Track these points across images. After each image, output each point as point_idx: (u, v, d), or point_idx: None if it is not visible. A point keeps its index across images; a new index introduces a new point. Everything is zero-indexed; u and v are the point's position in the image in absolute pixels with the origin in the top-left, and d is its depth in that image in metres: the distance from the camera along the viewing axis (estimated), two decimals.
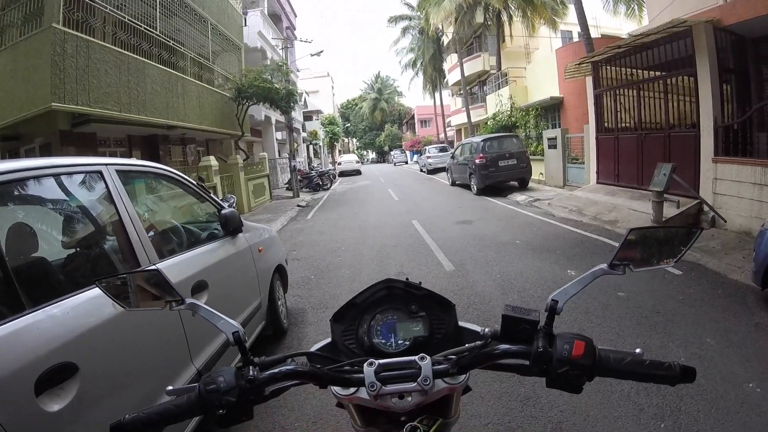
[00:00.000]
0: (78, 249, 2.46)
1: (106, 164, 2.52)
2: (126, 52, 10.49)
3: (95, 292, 1.99)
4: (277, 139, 27.27)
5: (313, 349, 1.14)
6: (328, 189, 23.93)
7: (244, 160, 16.56)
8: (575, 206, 10.87)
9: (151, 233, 2.92)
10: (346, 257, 8.10)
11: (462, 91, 30.28)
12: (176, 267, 2.73)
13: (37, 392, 1.61)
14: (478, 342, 1.03)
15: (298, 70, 32.59)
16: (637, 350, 0.88)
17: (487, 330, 1.03)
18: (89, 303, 1.97)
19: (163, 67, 12.17)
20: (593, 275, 0.94)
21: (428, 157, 30.19)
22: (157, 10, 11.81)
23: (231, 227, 3.70)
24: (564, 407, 3.13)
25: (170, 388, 0.93)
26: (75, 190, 2.42)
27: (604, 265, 0.94)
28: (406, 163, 49.56)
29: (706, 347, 3.84)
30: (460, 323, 1.18)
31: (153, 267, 1.95)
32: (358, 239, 9.64)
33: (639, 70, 10.58)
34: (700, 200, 8.07)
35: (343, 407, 1.09)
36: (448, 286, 5.91)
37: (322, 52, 26.34)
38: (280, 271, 4.93)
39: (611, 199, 10.51)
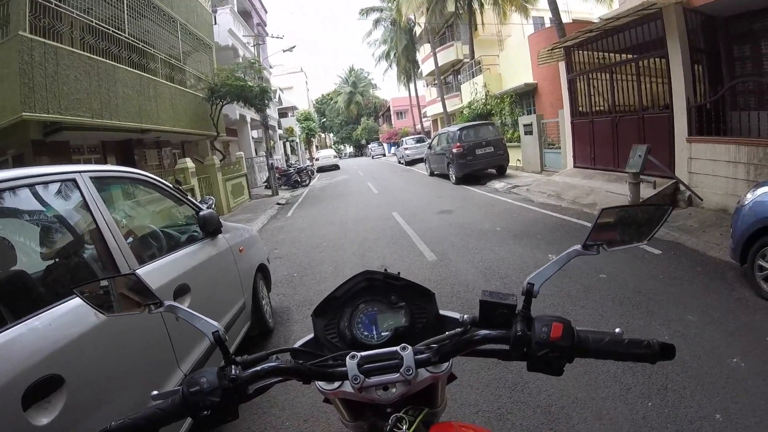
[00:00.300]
0: (57, 260, 2.42)
1: (80, 171, 2.48)
2: (95, 56, 10.26)
3: (76, 301, 1.96)
4: (253, 138, 27.05)
5: (296, 345, 1.13)
6: (306, 185, 23.85)
7: (221, 161, 16.38)
8: (553, 191, 10.98)
9: (130, 239, 2.88)
10: (328, 253, 8.08)
11: (436, 81, 30.29)
12: (157, 272, 2.70)
13: (25, 407, 1.59)
14: (458, 329, 1.03)
15: (270, 67, 32.30)
16: (617, 330, 0.88)
17: (466, 317, 1.04)
18: (71, 313, 1.94)
19: (133, 70, 11.93)
20: (568, 256, 0.94)
21: (406, 149, 30.22)
22: (125, 12, 11.57)
23: (210, 228, 3.67)
24: (552, 391, 3.17)
25: (155, 392, 0.92)
26: (50, 199, 2.37)
27: (578, 246, 0.95)
28: (384, 155, 49.53)
29: (688, 324, 3.91)
30: (441, 311, 1.18)
31: (129, 271, 1.93)
32: (340, 234, 9.63)
33: (611, 54, 10.68)
34: (676, 180, 8.20)
35: (331, 403, 1.08)
36: (431, 276, 5.93)
37: (294, 47, 26.23)
38: (263, 270, 4.90)
39: (589, 183, 10.64)
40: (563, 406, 3.01)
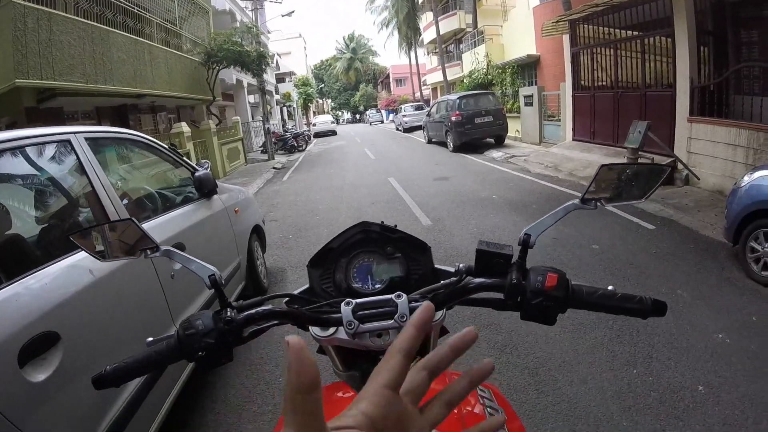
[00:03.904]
0: (52, 222, 2.42)
1: (75, 132, 2.46)
2: (89, 21, 10.08)
3: (72, 260, 1.99)
4: (249, 103, 26.74)
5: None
6: (303, 150, 23.75)
7: (216, 125, 16.26)
8: (551, 162, 10.99)
9: (125, 201, 2.88)
10: (323, 216, 8.12)
11: (438, 50, 29.90)
12: (152, 231, 2.65)
13: (21, 363, 1.60)
14: (453, 278, 1.03)
15: (268, 32, 31.77)
16: (610, 287, 0.89)
17: (461, 266, 1.02)
18: (66, 271, 1.96)
19: (128, 35, 11.73)
20: (565, 210, 0.94)
21: (404, 116, 30.14)
22: None
23: (205, 189, 3.68)
24: (540, 354, 3.26)
25: (150, 339, 0.92)
26: (44, 162, 2.35)
27: (576, 200, 0.94)
28: (382, 122, 49.30)
29: (677, 299, 3.96)
30: (436, 266, 1.17)
31: (126, 217, 1.93)
32: (335, 198, 9.68)
33: (617, 30, 10.55)
34: (675, 158, 8.18)
35: (324, 353, 1.08)
36: (426, 240, 5.93)
37: (293, 12, 25.64)
38: (258, 232, 4.95)
39: (587, 156, 10.64)
40: (550, 368, 3.09)
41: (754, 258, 4.30)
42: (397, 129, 32.08)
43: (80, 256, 2.03)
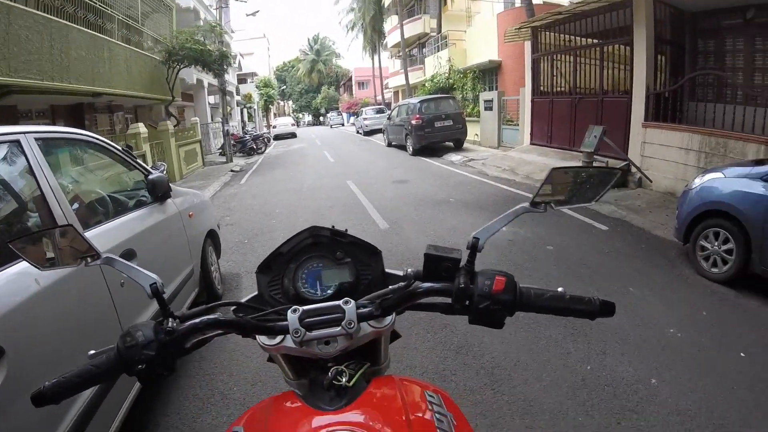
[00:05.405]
0: None
1: (25, 132, 2.35)
2: (49, 15, 9.63)
3: (17, 268, 1.87)
4: (209, 103, 26.28)
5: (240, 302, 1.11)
6: (262, 153, 23.43)
7: (174, 126, 15.89)
8: (509, 166, 11.17)
9: (76, 205, 2.78)
10: (280, 220, 8.04)
11: (401, 53, 30.03)
12: (102, 236, 2.60)
13: None
14: (402, 283, 1.01)
15: (232, 32, 31.35)
16: (560, 289, 0.89)
17: (410, 270, 1.01)
18: (11, 280, 1.85)
19: (88, 31, 11.28)
20: (515, 213, 0.94)
21: (365, 119, 30.13)
22: None
23: (159, 192, 3.58)
24: (495, 354, 3.29)
25: (92, 352, 0.89)
26: None
27: (525, 204, 0.95)
28: (343, 125, 49.15)
29: (629, 296, 4.09)
30: (387, 270, 1.17)
31: (66, 223, 1.85)
32: (293, 202, 9.60)
33: (577, 37, 10.84)
34: (628, 161, 8.42)
35: (274, 361, 1.06)
36: (383, 244, 5.94)
37: (257, 12, 25.65)
38: (213, 236, 4.83)
39: (543, 159, 10.85)
40: (505, 368, 3.13)
41: (704, 256, 4.51)
42: (358, 132, 32.13)
43: (25, 264, 1.93)
